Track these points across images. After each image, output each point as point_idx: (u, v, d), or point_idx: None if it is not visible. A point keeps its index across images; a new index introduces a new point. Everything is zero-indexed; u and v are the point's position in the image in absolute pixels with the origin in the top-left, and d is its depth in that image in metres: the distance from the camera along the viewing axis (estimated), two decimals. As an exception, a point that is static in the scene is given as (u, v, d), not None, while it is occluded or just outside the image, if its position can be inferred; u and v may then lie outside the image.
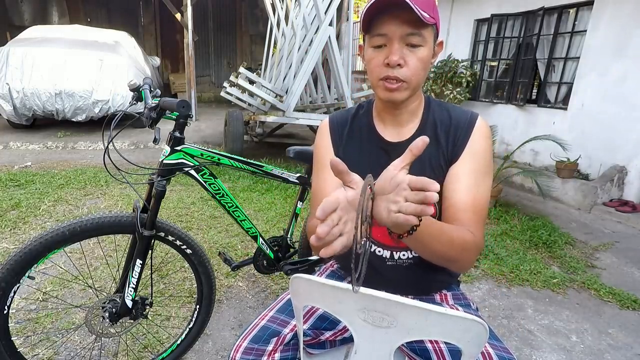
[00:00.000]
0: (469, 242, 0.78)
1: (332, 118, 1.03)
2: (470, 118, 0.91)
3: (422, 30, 0.80)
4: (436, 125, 0.92)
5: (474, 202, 0.84)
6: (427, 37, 0.82)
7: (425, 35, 0.81)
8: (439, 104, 0.96)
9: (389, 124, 0.95)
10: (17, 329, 1.72)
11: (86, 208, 3.12)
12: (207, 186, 1.45)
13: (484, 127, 0.90)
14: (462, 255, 0.77)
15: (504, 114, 5.42)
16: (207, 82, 11.49)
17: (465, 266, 0.83)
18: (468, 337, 0.60)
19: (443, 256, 0.75)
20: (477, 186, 0.86)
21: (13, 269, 1.14)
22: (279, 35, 5.31)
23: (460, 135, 0.89)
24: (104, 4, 10.25)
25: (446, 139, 0.90)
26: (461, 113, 0.93)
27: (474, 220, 0.83)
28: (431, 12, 0.79)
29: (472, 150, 0.88)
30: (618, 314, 2.21)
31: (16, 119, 5.39)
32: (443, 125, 0.92)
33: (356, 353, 0.68)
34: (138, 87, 1.36)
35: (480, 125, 0.90)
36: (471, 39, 6.05)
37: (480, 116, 0.92)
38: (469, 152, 0.88)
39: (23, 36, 5.86)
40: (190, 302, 2.01)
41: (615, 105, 4.10)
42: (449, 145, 0.90)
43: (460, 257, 0.77)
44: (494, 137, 3.55)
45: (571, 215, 3.81)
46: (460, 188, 0.86)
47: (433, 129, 0.92)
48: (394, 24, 0.80)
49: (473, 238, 0.79)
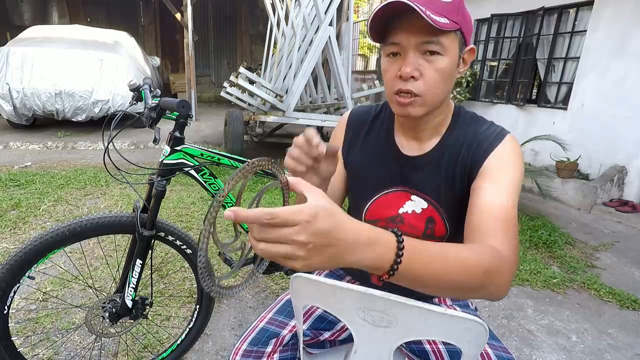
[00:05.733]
0: (493, 260, 0.60)
1: (353, 114, 0.95)
2: (497, 133, 0.80)
3: (440, 38, 0.70)
4: (459, 142, 0.81)
5: (499, 209, 0.69)
6: (447, 45, 0.71)
7: (445, 43, 0.71)
8: (471, 118, 0.85)
9: (409, 136, 0.86)
10: (17, 329, 1.72)
11: (86, 208, 3.12)
12: (207, 186, 1.45)
13: (511, 143, 0.79)
14: (487, 278, 0.58)
15: (504, 114, 5.42)
16: (207, 82, 11.48)
17: (497, 292, 0.61)
18: (468, 337, 0.60)
19: (459, 287, 0.58)
20: (501, 195, 0.71)
21: (13, 269, 1.14)
22: (279, 35, 5.31)
23: (483, 149, 0.78)
24: (104, 4, 10.25)
25: (467, 153, 0.80)
26: (489, 127, 0.82)
27: (499, 228, 0.67)
28: (453, 15, 0.70)
29: (498, 161, 0.76)
30: (618, 314, 2.21)
31: (16, 119, 5.40)
32: (467, 141, 0.81)
33: (356, 353, 0.68)
34: (138, 87, 1.36)
35: (509, 140, 0.78)
36: (471, 38, 6.05)
37: (512, 134, 0.81)
38: (492, 164, 0.76)
39: (23, 36, 5.86)
40: (190, 302, 2.01)
41: (615, 105, 4.10)
42: (469, 160, 0.79)
43: (485, 282, 0.59)
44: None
45: (571, 215, 3.81)
46: (482, 194, 0.73)
47: (456, 146, 0.81)
48: (407, 31, 0.71)
49: (498, 253, 0.62)
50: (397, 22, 0.71)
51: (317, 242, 0.45)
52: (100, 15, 10.28)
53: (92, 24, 8.09)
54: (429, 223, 0.85)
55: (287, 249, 0.44)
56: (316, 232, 0.44)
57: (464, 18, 0.73)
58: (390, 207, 0.87)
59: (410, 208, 0.86)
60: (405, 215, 0.86)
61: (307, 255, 0.45)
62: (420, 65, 0.72)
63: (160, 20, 10.71)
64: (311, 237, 0.44)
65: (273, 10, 5.40)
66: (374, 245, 0.50)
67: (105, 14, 10.34)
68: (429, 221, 0.85)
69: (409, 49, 0.72)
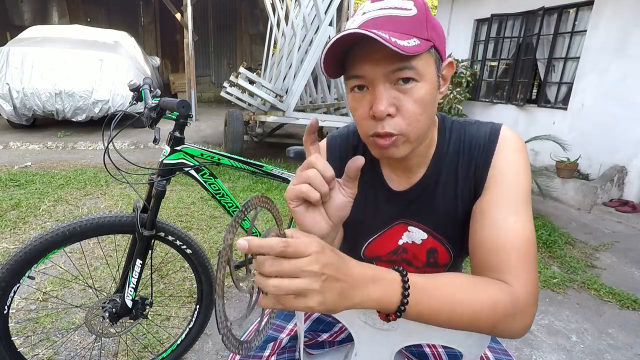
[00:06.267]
0: (507, 306, 0.55)
1: (332, 146, 0.81)
2: (490, 132, 0.69)
3: (412, 61, 0.57)
4: (454, 158, 0.71)
5: (506, 237, 0.61)
6: (422, 69, 0.58)
7: (418, 66, 0.58)
8: (457, 128, 0.73)
9: (397, 169, 0.75)
10: (17, 329, 1.72)
11: (86, 208, 3.12)
12: (207, 186, 1.45)
13: (510, 139, 0.68)
14: (500, 327, 0.55)
15: (504, 114, 5.42)
16: (207, 82, 11.49)
17: (512, 335, 0.58)
18: (469, 341, 0.60)
19: (468, 327, 0.55)
20: (509, 216, 0.62)
21: (13, 269, 1.14)
22: (279, 35, 5.31)
23: (479, 159, 0.68)
24: (104, 4, 10.25)
25: (466, 169, 0.70)
26: (478, 129, 0.71)
27: (513, 260, 0.59)
28: (421, 32, 0.58)
29: (499, 172, 0.66)
30: (618, 314, 2.21)
31: (16, 119, 5.40)
32: (462, 154, 0.71)
33: (356, 355, 0.68)
34: (138, 87, 1.36)
35: (505, 136, 0.68)
36: (471, 38, 6.05)
37: (505, 126, 0.70)
38: (494, 177, 0.66)
39: (23, 36, 5.86)
40: (190, 302, 2.01)
41: (615, 105, 4.10)
42: (469, 176, 0.70)
43: (499, 330, 0.55)
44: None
45: (571, 215, 3.81)
46: (486, 224, 0.63)
47: (452, 163, 0.71)
48: (371, 61, 0.57)
49: (512, 295, 0.56)
50: (357, 51, 0.58)
51: (329, 273, 0.44)
52: (100, 15, 10.28)
53: (92, 24, 8.10)
54: (431, 253, 0.78)
55: (301, 283, 0.43)
56: (327, 263, 0.44)
57: (435, 30, 0.60)
58: (390, 242, 0.81)
59: (410, 239, 0.78)
60: (405, 245, 0.80)
61: (322, 288, 0.44)
62: (395, 98, 0.59)
63: (160, 20, 10.71)
64: (324, 268, 0.43)
65: (273, 10, 5.40)
66: (379, 282, 0.49)
67: (105, 14, 10.34)
68: (431, 251, 0.78)
69: (378, 82, 0.58)
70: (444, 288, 0.54)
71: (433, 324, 0.54)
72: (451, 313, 0.53)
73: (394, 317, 0.51)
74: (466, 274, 0.61)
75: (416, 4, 0.59)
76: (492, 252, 0.61)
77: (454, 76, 5.70)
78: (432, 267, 0.79)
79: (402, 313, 0.50)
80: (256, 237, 0.42)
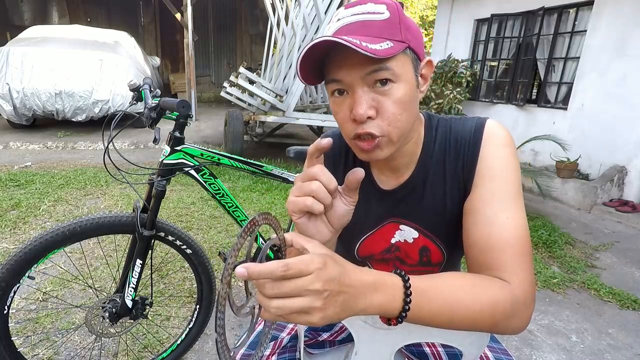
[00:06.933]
0: (506, 305, 0.56)
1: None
2: (475, 128, 0.69)
3: (387, 63, 0.58)
4: (441, 156, 0.72)
5: (500, 235, 0.61)
6: (398, 70, 0.59)
7: (394, 67, 0.59)
8: (443, 125, 0.73)
9: (385, 169, 0.76)
10: (17, 329, 1.72)
11: (86, 208, 3.12)
12: (207, 186, 1.45)
13: (495, 133, 0.68)
14: (499, 318, 0.56)
15: (504, 114, 5.42)
16: (207, 82, 11.49)
17: (513, 332, 0.59)
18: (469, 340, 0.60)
19: (468, 327, 0.56)
20: (501, 212, 0.63)
21: (13, 269, 1.14)
22: (279, 35, 5.31)
23: (466, 155, 0.69)
24: (104, 4, 10.25)
25: (454, 166, 0.70)
26: (463, 125, 0.71)
27: (506, 260, 0.60)
28: (395, 34, 0.59)
29: (486, 168, 0.66)
30: (618, 314, 2.21)
31: (16, 119, 5.40)
32: (449, 151, 0.71)
33: (357, 354, 0.68)
34: (138, 87, 1.36)
35: (490, 131, 0.68)
36: (471, 38, 6.05)
37: (491, 119, 0.70)
38: (482, 173, 0.67)
39: (23, 36, 5.87)
40: (190, 302, 2.01)
41: (615, 105, 4.10)
42: (457, 173, 0.70)
43: (499, 322, 0.56)
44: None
45: (571, 215, 3.81)
46: (478, 221, 0.64)
47: (439, 162, 0.72)
48: (346, 65, 0.59)
49: (510, 293, 0.57)
50: (332, 57, 0.60)
51: (331, 289, 0.44)
52: (100, 15, 10.28)
53: (92, 24, 8.11)
54: (424, 252, 0.79)
55: (304, 302, 0.43)
56: (329, 279, 0.44)
57: (409, 31, 0.61)
58: (382, 240, 0.81)
59: (402, 237, 0.79)
60: (398, 244, 0.80)
61: (324, 305, 0.44)
62: (374, 100, 0.60)
63: (160, 20, 10.72)
64: (326, 285, 0.43)
65: (273, 10, 5.40)
66: (380, 288, 0.50)
67: (105, 14, 10.34)
68: (423, 250, 0.78)
69: (356, 85, 0.60)
70: (444, 291, 0.55)
71: (433, 326, 0.55)
72: (451, 315, 0.54)
73: (395, 322, 0.52)
74: (464, 273, 0.61)
75: (389, 8, 0.60)
76: (486, 250, 0.62)
77: (454, 76, 5.70)
78: (425, 266, 0.79)
79: (403, 319, 0.51)
80: (254, 264, 0.42)
